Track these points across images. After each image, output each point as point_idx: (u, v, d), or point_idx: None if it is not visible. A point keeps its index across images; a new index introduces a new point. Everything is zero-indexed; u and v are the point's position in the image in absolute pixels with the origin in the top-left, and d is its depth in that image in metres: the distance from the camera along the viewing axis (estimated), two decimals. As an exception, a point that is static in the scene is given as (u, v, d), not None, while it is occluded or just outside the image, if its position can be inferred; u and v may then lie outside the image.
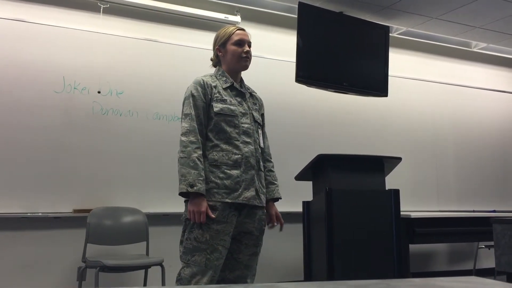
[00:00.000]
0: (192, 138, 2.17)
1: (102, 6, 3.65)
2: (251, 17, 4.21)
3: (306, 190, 3.44)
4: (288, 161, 3.69)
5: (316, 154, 3.10)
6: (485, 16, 4.35)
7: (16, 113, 3.32)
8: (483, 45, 5.18)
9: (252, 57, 2.37)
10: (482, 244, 4.55)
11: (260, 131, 2.37)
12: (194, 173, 2.10)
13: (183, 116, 2.23)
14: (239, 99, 2.31)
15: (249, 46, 2.36)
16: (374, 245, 3.00)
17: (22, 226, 3.29)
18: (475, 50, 5.29)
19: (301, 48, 3.89)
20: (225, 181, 2.17)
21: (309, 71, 3.95)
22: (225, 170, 2.18)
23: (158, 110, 3.75)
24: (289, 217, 3.95)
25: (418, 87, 4.95)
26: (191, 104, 2.22)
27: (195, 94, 2.24)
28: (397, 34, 4.80)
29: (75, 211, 3.38)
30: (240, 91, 2.34)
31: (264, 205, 2.31)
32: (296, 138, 4.21)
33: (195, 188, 2.09)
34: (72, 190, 3.42)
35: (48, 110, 3.42)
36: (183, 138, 2.18)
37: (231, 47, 2.32)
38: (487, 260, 4.89)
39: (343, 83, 4.15)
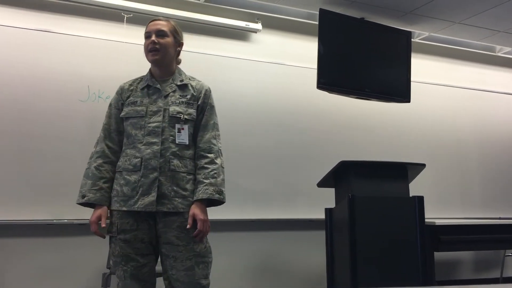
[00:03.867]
0: (97, 148, 2.16)
1: (125, 16, 3.71)
2: (272, 24, 4.22)
3: (328, 197, 3.42)
4: (310, 168, 3.68)
5: (338, 161, 3.08)
6: (509, 20, 4.28)
7: (41, 122, 3.39)
8: (508, 49, 5.10)
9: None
10: (509, 252, 4.45)
11: (181, 126, 2.09)
12: (88, 183, 2.06)
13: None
14: (154, 97, 2.13)
15: (158, 35, 2.14)
16: (399, 253, 2.96)
17: (48, 233, 3.35)
18: (499, 54, 5.21)
19: (322, 55, 3.88)
20: (123, 188, 2.04)
21: (331, 77, 3.94)
22: (125, 176, 2.05)
23: (180, 117, 3.77)
24: (312, 224, 3.97)
25: (441, 92, 4.89)
26: (107, 114, 2.20)
27: (112, 102, 2.22)
28: (420, 39, 4.76)
29: (100, 218, 3.42)
30: (155, 88, 2.16)
31: (181, 210, 2.02)
32: (318, 144, 4.19)
33: (85, 198, 2.03)
34: (97, 197, 3.46)
35: (73, 119, 3.47)
36: (92, 149, 2.17)
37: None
38: (515, 268, 4.79)
39: (365, 89, 4.13)
